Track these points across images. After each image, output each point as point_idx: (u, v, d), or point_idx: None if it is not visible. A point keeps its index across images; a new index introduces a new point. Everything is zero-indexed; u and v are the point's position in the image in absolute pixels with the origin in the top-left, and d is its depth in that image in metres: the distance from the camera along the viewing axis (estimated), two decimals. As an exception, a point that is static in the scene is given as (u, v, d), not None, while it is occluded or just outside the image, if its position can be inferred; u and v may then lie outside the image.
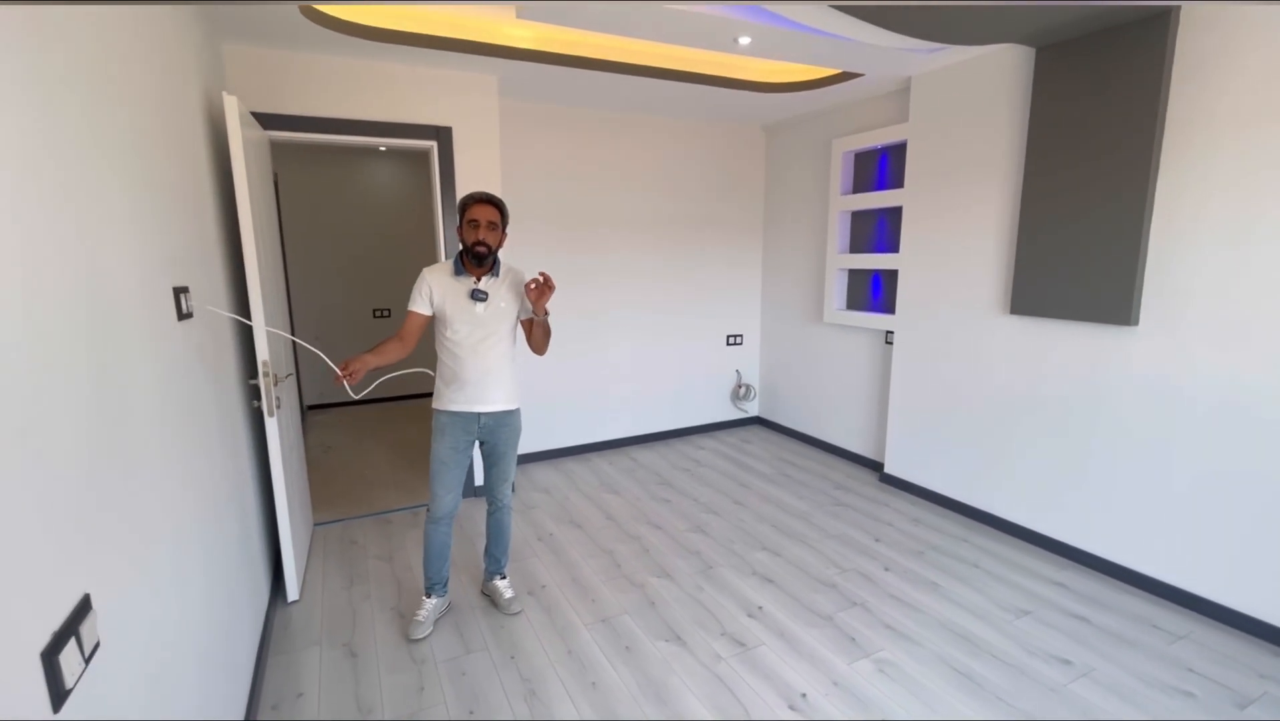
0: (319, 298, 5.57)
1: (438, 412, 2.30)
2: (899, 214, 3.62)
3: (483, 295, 2.21)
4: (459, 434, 2.28)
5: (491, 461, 2.40)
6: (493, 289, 2.24)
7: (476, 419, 2.28)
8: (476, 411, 2.27)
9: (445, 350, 2.26)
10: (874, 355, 3.95)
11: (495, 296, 2.24)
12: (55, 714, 0.78)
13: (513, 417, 2.36)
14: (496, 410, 2.30)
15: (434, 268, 2.27)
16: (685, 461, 4.24)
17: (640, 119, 4.18)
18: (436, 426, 2.30)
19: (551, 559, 2.91)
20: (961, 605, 2.50)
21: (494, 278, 2.26)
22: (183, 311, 1.59)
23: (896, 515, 3.35)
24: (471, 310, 2.22)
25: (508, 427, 2.35)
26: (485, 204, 2.19)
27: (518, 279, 2.32)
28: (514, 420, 2.37)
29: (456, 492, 2.34)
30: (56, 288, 0.92)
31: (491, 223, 2.18)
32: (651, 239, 4.38)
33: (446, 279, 2.24)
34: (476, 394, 2.26)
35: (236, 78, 2.82)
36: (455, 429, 2.28)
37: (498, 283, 2.26)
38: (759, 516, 3.34)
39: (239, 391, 2.31)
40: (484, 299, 2.22)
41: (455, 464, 2.30)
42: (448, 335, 2.23)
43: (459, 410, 2.26)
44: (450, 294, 2.22)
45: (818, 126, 4.16)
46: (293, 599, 2.54)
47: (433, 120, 3.23)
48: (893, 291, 3.74)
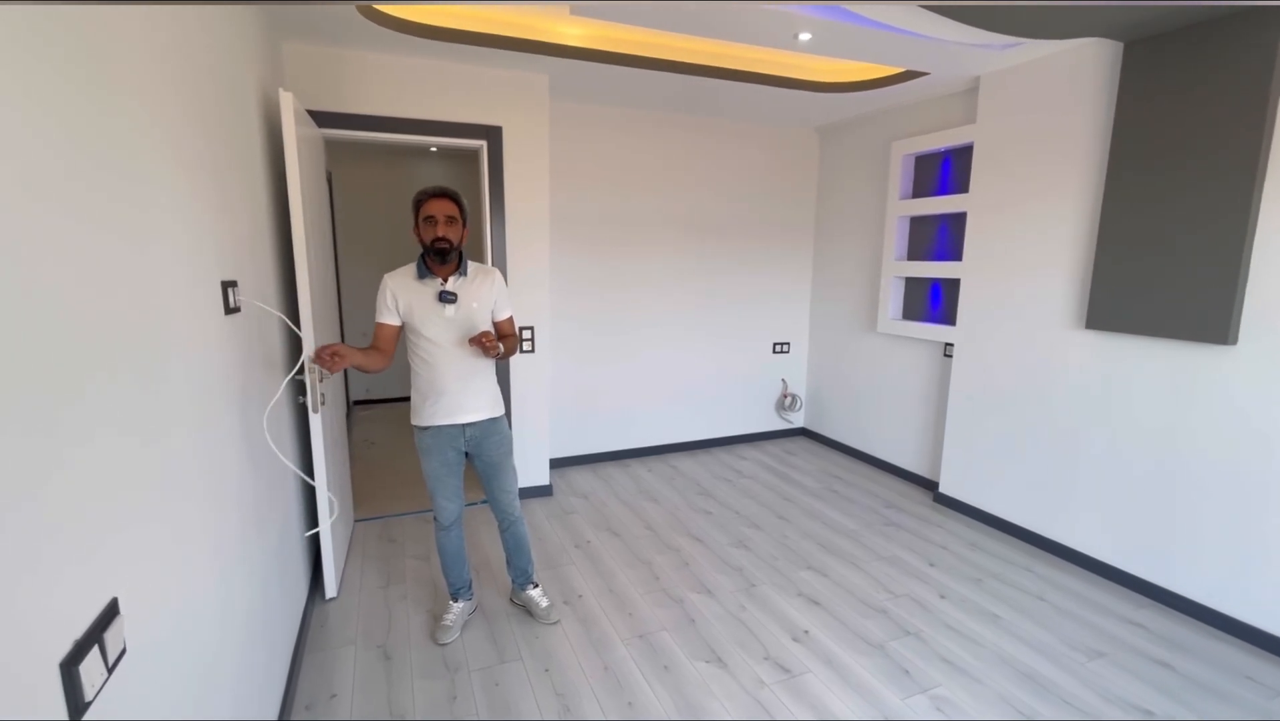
0: (367, 296, 5.65)
1: (420, 431, 2.16)
2: (962, 220, 3.43)
3: (451, 296, 2.07)
4: (445, 448, 2.16)
5: (488, 476, 2.28)
6: (462, 289, 2.10)
7: (461, 431, 2.16)
8: (460, 423, 2.15)
9: (418, 359, 2.12)
10: (931, 368, 3.75)
11: (466, 296, 2.10)
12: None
13: (498, 425, 2.24)
14: (480, 419, 2.17)
15: (395, 273, 2.12)
16: (727, 471, 4.12)
17: (689, 120, 4.09)
18: (420, 446, 2.17)
19: (588, 567, 2.84)
20: (1026, 641, 2.32)
21: (462, 277, 2.11)
22: (230, 305, 1.58)
23: (952, 538, 3.16)
24: (441, 313, 2.08)
25: (496, 436, 2.23)
26: (441, 198, 2.05)
27: (492, 278, 2.18)
28: (501, 428, 2.25)
29: (460, 499, 2.27)
30: (102, 278, 0.89)
31: (450, 216, 2.04)
32: (698, 242, 4.28)
33: (410, 282, 2.09)
34: (456, 404, 2.12)
35: (294, 75, 2.85)
36: (441, 445, 2.15)
37: (466, 282, 2.11)
38: (804, 533, 3.20)
39: (286, 386, 2.32)
40: (453, 300, 2.07)
41: (450, 474, 2.21)
42: (420, 343, 2.10)
43: (441, 424, 2.13)
44: (416, 298, 2.08)
45: (876, 128, 4.00)
46: (330, 596, 2.54)
47: (483, 120, 3.21)
48: (953, 301, 3.55)
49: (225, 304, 1.55)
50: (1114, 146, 2.58)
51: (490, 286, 2.17)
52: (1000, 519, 3.23)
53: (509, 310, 2.26)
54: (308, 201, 2.41)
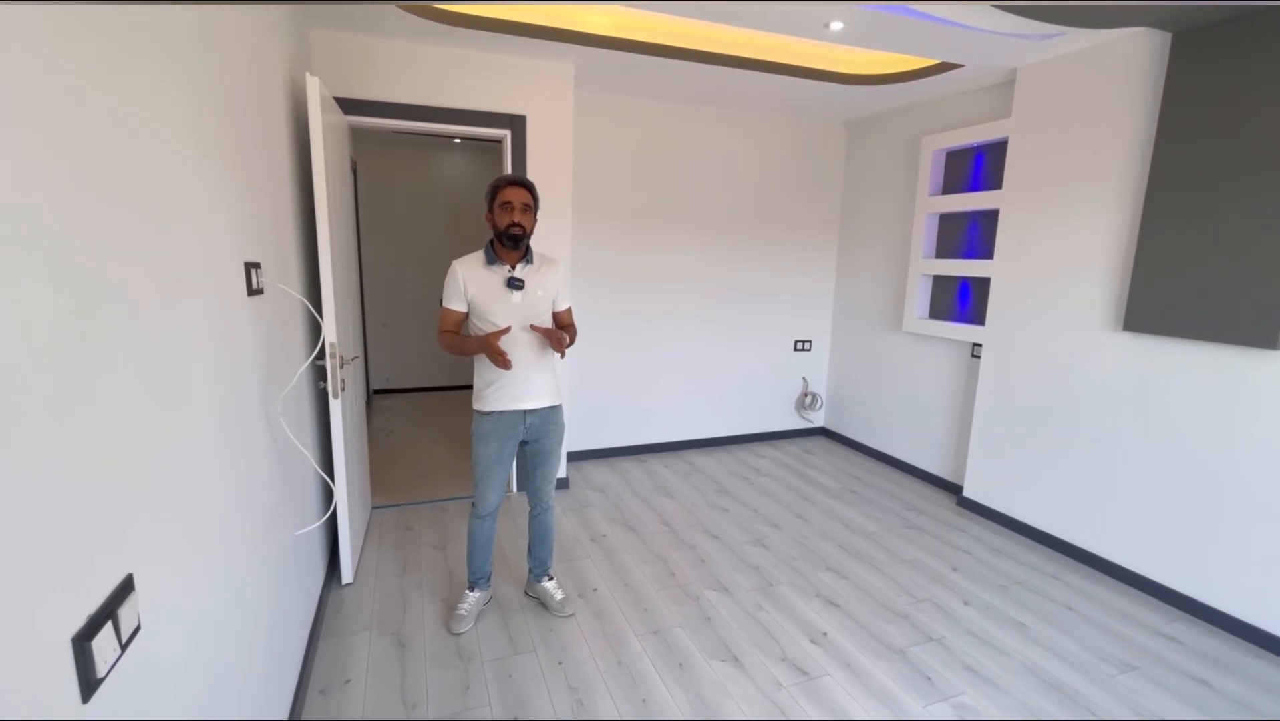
0: (389, 286, 5.70)
1: (480, 416, 2.18)
2: (994, 217, 3.34)
3: (519, 283, 2.11)
4: (504, 436, 2.18)
5: (537, 462, 2.31)
6: (529, 276, 2.14)
7: (522, 418, 2.19)
8: (522, 410, 2.17)
9: None
10: (957, 368, 3.66)
11: (533, 284, 2.14)
12: (84, 704, 0.72)
13: (557, 415, 2.28)
14: (542, 406, 2.21)
15: (464, 259, 2.14)
16: (745, 469, 4.07)
17: (714, 112, 4.04)
18: (479, 431, 2.19)
19: (604, 561, 2.82)
20: (1053, 651, 2.25)
21: (529, 264, 2.15)
22: (253, 286, 1.57)
23: (975, 543, 3.08)
24: (509, 299, 2.11)
25: (553, 426, 2.26)
26: (518, 186, 2.08)
27: (555, 267, 2.22)
28: (559, 417, 2.29)
29: (502, 490, 2.29)
30: (119, 252, 0.88)
31: (525, 204, 2.07)
32: (720, 237, 4.23)
33: (479, 269, 2.12)
34: (520, 391, 2.15)
35: (321, 62, 2.86)
36: (500, 431, 2.17)
37: (533, 270, 2.15)
38: (823, 534, 3.15)
39: (306, 371, 2.32)
40: (520, 286, 2.11)
41: (500, 465, 2.22)
42: (485, 329, 2.12)
43: (504, 409, 2.16)
44: (484, 284, 2.11)
45: (906, 122, 3.91)
46: (347, 581, 2.54)
47: (508, 109, 3.20)
48: (982, 301, 3.46)
49: (248, 285, 1.55)
50: (1159, 142, 2.48)
51: (554, 275, 2.20)
52: (1026, 525, 3.15)
53: (569, 300, 2.29)
54: (332, 187, 2.41)
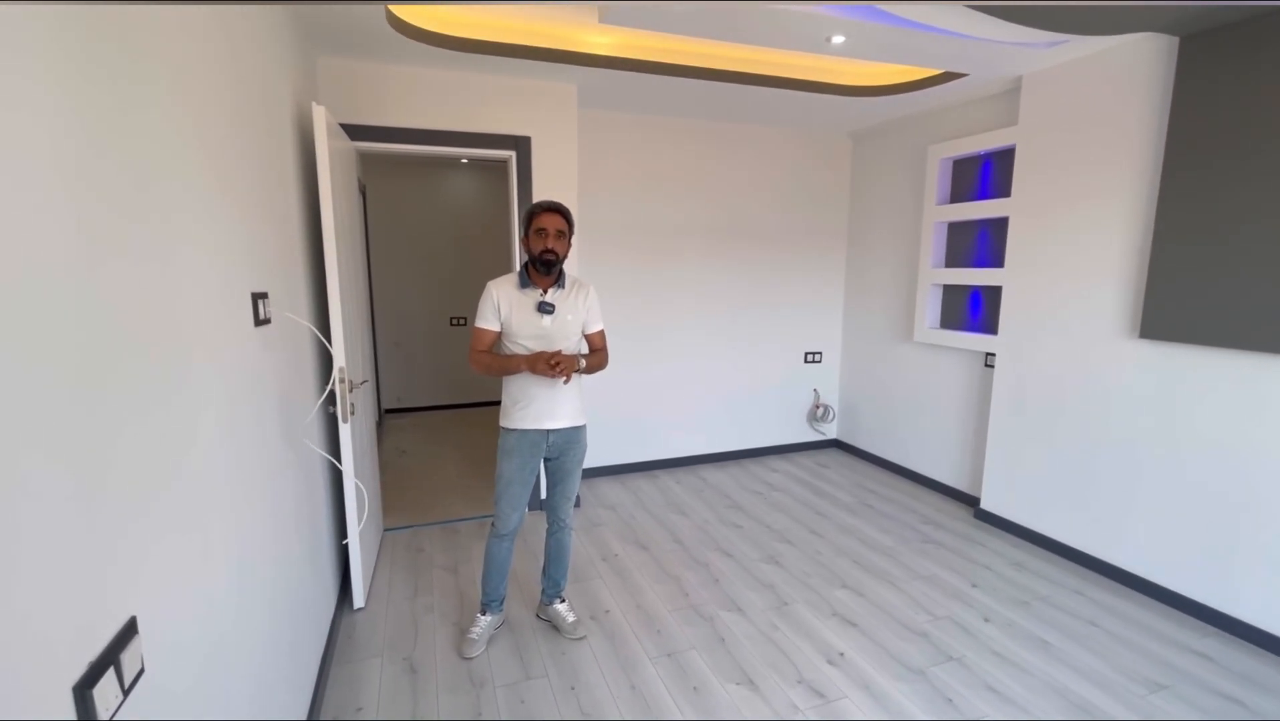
0: (400, 305, 5.74)
1: (506, 432, 2.22)
2: (1004, 225, 3.30)
3: (549, 307, 2.15)
4: (527, 453, 2.21)
5: (557, 480, 2.32)
6: (559, 300, 2.18)
7: (545, 436, 2.21)
8: (545, 429, 2.20)
9: None
10: (971, 378, 3.61)
11: (562, 309, 2.18)
12: (84, 754, 0.71)
13: (581, 434, 2.30)
14: (565, 426, 2.23)
15: (499, 280, 2.19)
16: (757, 484, 4.03)
17: (718, 127, 4.05)
18: (504, 447, 2.22)
19: (616, 581, 2.79)
20: (1079, 670, 2.18)
21: (560, 289, 2.19)
22: (260, 317, 1.58)
23: (995, 557, 3.02)
24: (539, 323, 2.15)
25: (576, 445, 2.28)
26: (553, 212, 2.12)
27: (586, 291, 2.26)
28: (582, 437, 2.31)
29: (523, 509, 2.29)
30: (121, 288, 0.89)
31: (560, 231, 2.11)
32: (727, 250, 4.22)
33: (513, 291, 2.16)
34: (545, 410, 2.18)
35: (328, 89, 2.90)
36: (524, 449, 2.20)
37: (564, 294, 2.20)
38: (838, 549, 3.10)
39: (316, 395, 2.33)
40: (551, 311, 2.15)
41: (522, 482, 2.24)
42: (514, 350, 2.16)
43: (528, 428, 2.19)
44: (517, 306, 2.15)
45: (911, 132, 3.89)
46: (359, 606, 2.53)
47: (512, 130, 3.22)
48: (994, 309, 3.41)
49: (255, 315, 1.56)
50: (1170, 145, 2.45)
51: (585, 300, 2.23)
52: (1047, 538, 3.08)
53: (600, 324, 2.31)
54: (340, 213, 2.44)
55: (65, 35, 0.78)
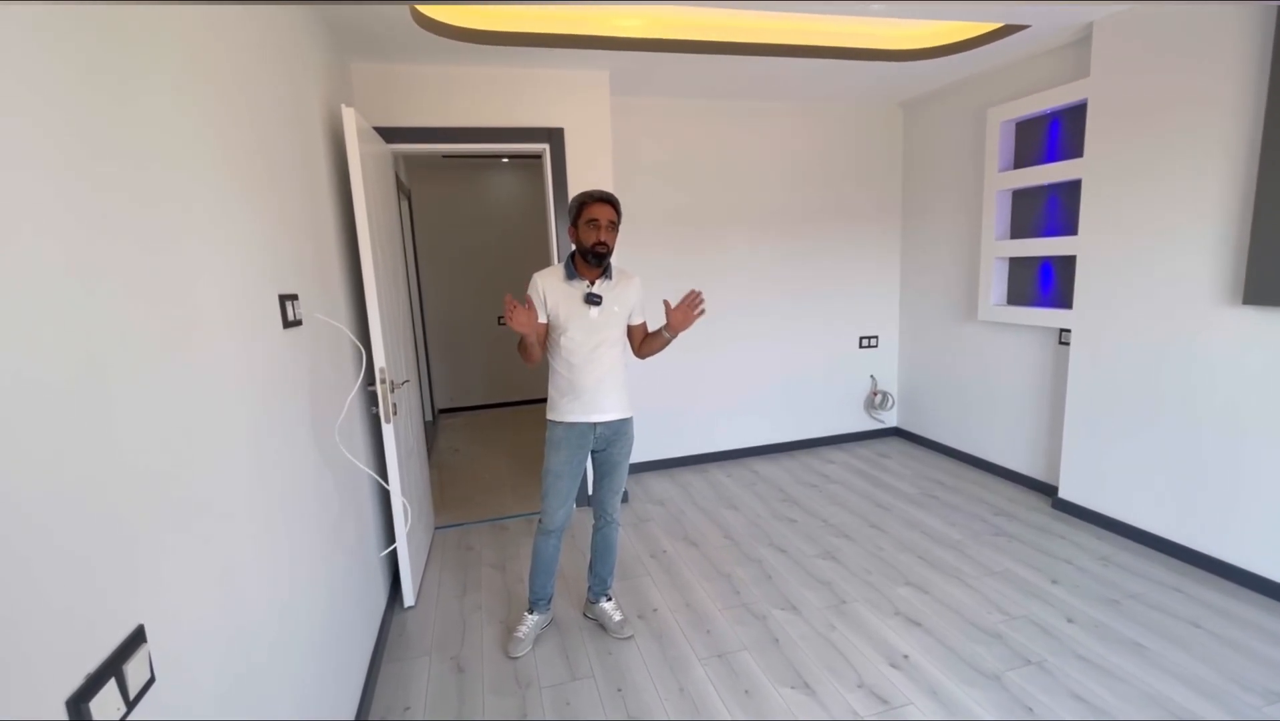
0: (449, 307, 5.83)
1: (553, 424, 2.20)
2: (1076, 189, 3.02)
3: (597, 299, 2.11)
4: (574, 446, 2.18)
5: (604, 472, 2.28)
6: (606, 292, 2.13)
7: (592, 429, 2.18)
8: (593, 421, 2.17)
9: (559, 358, 2.16)
10: (1043, 357, 3.34)
11: (609, 300, 2.14)
12: (80, 769, 0.69)
13: (628, 426, 2.25)
14: (612, 419, 2.19)
15: (545, 272, 2.18)
16: (812, 476, 3.86)
17: (757, 105, 3.89)
18: (551, 439, 2.20)
19: (665, 579, 2.71)
20: (1181, 677, 1.96)
21: (607, 280, 2.15)
22: (289, 319, 1.58)
23: (1077, 551, 2.77)
24: (586, 315, 2.11)
25: (623, 437, 2.24)
26: (604, 203, 2.06)
27: (633, 283, 2.22)
28: (629, 429, 2.26)
29: (570, 505, 2.25)
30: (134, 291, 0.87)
31: (611, 222, 2.07)
32: (773, 234, 4.06)
33: (559, 283, 2.13)
34: (592, 402, 2.15)
35: (362, 94, 2.93)
36: (571, 441, 2.17)
37: (611, 285, 2.15)
38: (901, 544, 2.92)
39: (359, 396, 2.35)
40: (599, 303, 2.11)
41: (570, 476, 2.20)
42: (562, 342, 2.13)
43: (575, 420, 2.16)
44: (564, 298, 2.12)
45: (968, 96, 3.63)
46: (409, 604, 2.55)
47: (545, 122, 3.18)
48: (1068, 281, 3.13)
49: (284, 317, 1.55)
50: (1276, 84, 2.15)
51: (631, 290, 2.20)
52: (1138, 529, 2.80)
53: (644, 314, 2.29)
54: (374, 215, 2.45)
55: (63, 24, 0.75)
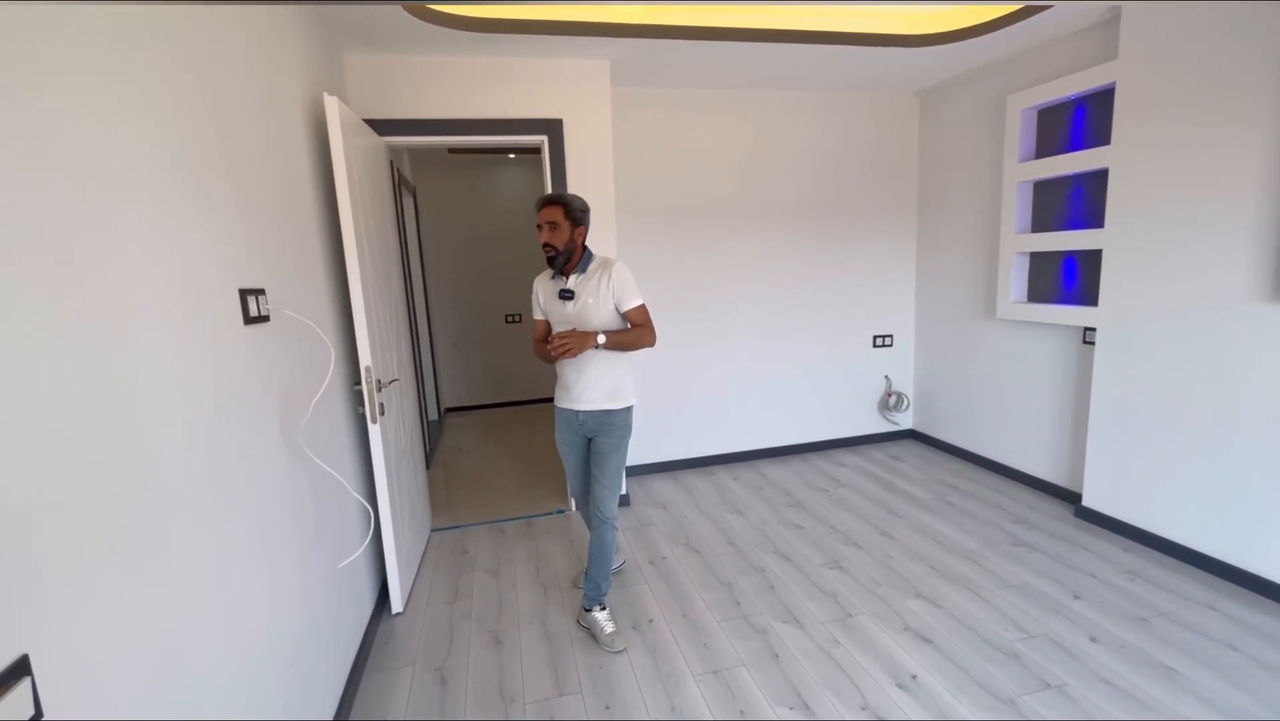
0: (456, 305, 5.78)
1: (555, 407, 2.40)
2: (1102, 179, 2.85)
3: (569, 294, 2.21)
4: (565, 429, 2.35)
5: (594, 463, 2.29)
6: (579, 286, 2.20)
7: (576, 416, 2.29)
8: (575, 409, 2.28)
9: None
10: (1066, 357, 3.17)
11: (583, 293, 2.19)
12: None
13: (614, 417, 2.26)
14: (593, 409, 2.25)
15: (541, 275, 2.33)
16: (822, 480, 3.72)
17: (765, 95, 3.75)
18: (556, 420, 2.40)
19: (662, 587, 2.60)
20: (1216, 704, 1.80)
21: (580, 274, 2.21)
22: (252, 314, 1.50)
23: (1102, 563, 2.61)
24: (563, 310, 2.22)
25: (608, 426, 2.26)
26: (547, 205, 2.16)
27: (609, 272, 2.17)
28: (615, 419, 2.26)
29: (585, 476, 2.40)
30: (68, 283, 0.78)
31: (552, 223, 2.15)
32: (782, 229, 3.92)
33: (547, 281, 2.29)
34: (574, 391, 2.26)
35: (355, 86, 2.86)
36: (562, 424, 2.36)
37: (584, 279, 2.21)
38: (912, 553, 2.77)
39: (344, 396, 2.28)
40: (570, 297, 2.20)
41: (572, 456, 2.39)
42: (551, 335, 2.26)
43: (563, 407, 2.33)
44: (549, 295, 2.27)
45: (987, 83, 3.46)
46: (397, 610, 2.47)
47: (543, 114, 3.08)
48: (1093, 277, 2.96)
49: (245, 312, 1.47)
50: (1321, 61, 1.98)
51: (606, 280, 2.17)
52: (1168, 540, 2.63)
53: (633, 300, 2.20)
54: (362, 209, 2.37)
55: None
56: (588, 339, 2.10)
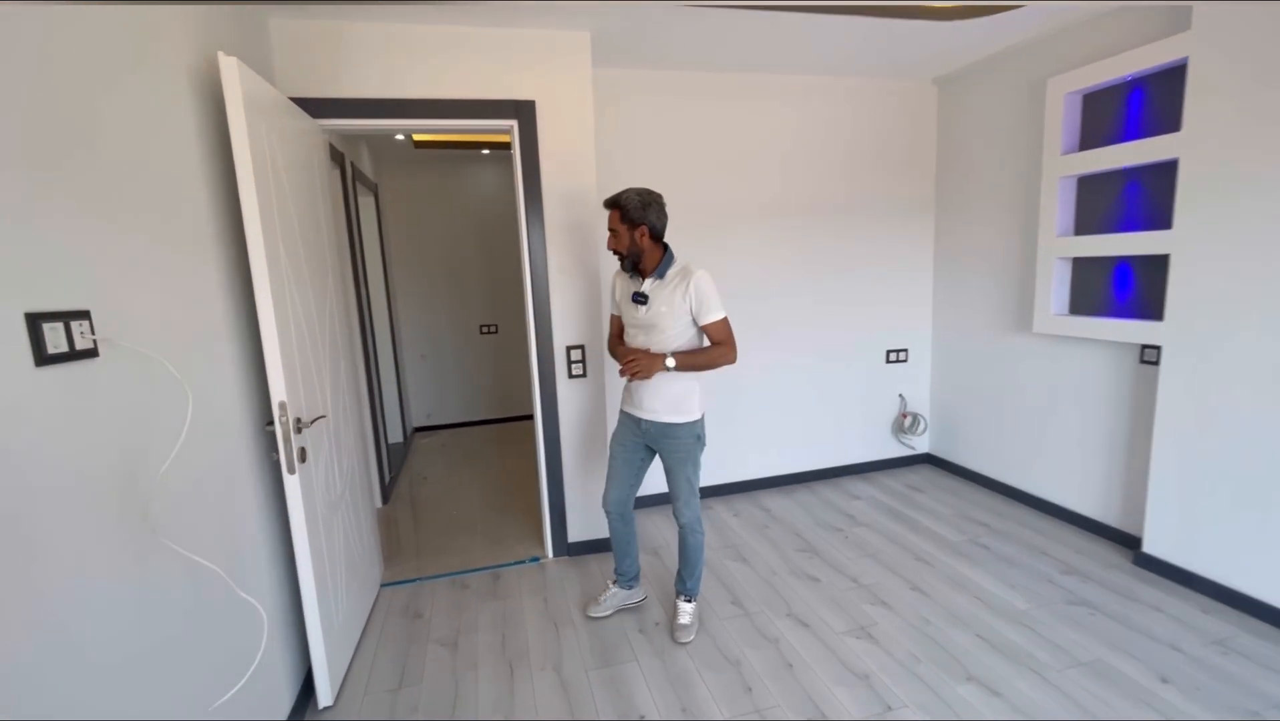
0: (424, 314, 5.27)
1: (620, 408, 2.31)
2: (1169, 171, 2.44)
3: (642, 298, 2.11)
4: (626, 433, 2.27)
5: (666, 470, 2.23)
6: (654, 291, 2.10)
7: (638, 423, 2.22)
8: (636, 416, 2.21)
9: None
10: (1119, 378, 2.75)
11: (657, 300, 2.09)
12: None
13: (678, 431, 2.15)
14: (654, 420, 2.16)
15: (619, 269, 2.22)
16: (835, 515, 3.28)
17: (765, 79, 3.31)
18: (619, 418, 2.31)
19: (656, 668, 2.12)
20: None
21: (657, 279, 2.10)
22: (51, 351, 1.01)
23: (1181, 630, 2.18)
24: (635, 313, 2.14)
25: (670, 440, 2.16)
26: (609, 208, 2.09)
27: (688, 281, 2.04)
28: (679, 432, 2.15)
29: (623, 490, 2.30)
30: None
31: (612, 230, 2.09)
32: (784, 231, 3.49)
33: (625, 278, 2.20)
34: (638, 399, 2.19)
35: (286, 58, 2.37)
36: (623, 427, 2.28)
37: (660, 285, 2.09)
38: (952, 615, 2.33)
39: (249, 441, 1.78)
40: (643, 301, 2.11)
41: (621, 459, 2.28)
42: (624, 335, 2.24)
43: (626, 410, 2.27)
44: (624, 294, 2.20)
45: (1020, 66, 3.05)
46: (324, 705, 1.98)
47: (512, 94, 2.61)
48: (1154, 286, 2.56)
49: (37, 349, 0.99)
50: None
51: (683, 292, 2.05)
52: (1256, 600, 2.21)
53: (713, 314, 2.06)
54: (285, 204, 1.89)
55: None
56: (655, 362, 2.05)
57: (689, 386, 2.13)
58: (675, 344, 2.09)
